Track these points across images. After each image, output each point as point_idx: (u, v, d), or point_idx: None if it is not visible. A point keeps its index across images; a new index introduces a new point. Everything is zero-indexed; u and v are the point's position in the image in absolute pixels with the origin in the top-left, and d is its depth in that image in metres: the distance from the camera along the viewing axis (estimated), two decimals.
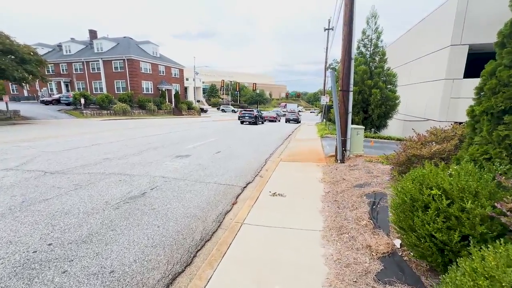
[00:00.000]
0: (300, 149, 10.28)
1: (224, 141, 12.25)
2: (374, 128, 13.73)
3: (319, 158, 8.28)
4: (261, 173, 6.96)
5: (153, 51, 39.22)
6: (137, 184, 5.49)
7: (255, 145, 11.45)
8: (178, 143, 11.24)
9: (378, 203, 3.81)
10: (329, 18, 27.64)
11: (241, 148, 10.45)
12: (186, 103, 42.31)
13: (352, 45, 6.70)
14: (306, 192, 4.94)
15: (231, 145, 11.24)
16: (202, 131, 16.92)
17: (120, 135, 13.27)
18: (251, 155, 9.20)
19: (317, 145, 11.36)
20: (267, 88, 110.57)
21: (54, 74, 38.20)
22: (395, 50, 21.13)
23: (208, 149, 10.02)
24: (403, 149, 4.56)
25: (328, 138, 13.38)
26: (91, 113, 25.45)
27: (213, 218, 4.10)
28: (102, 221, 3.78)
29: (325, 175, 6.11)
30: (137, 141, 11.26)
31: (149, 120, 26.40)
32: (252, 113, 25.56)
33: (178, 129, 17.72)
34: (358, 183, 5.01)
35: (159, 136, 13.17)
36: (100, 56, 34.94)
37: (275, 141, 13.28)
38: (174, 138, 12.62)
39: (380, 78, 13.25)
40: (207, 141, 12.01)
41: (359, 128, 7.56)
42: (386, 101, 13.00)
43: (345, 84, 6.90)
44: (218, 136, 14.35)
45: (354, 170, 6.01)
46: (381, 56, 13.59)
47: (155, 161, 7.66)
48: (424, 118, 15.28)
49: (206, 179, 6.07)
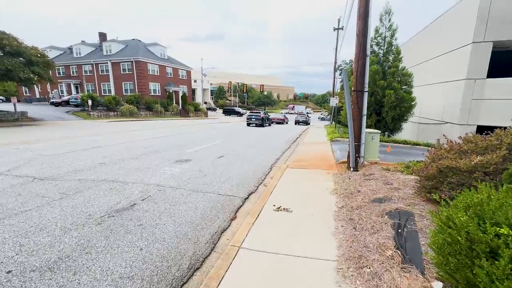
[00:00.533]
0: (308, 154, 9.62)
1: (228, 144, 11.72)
2: (387, 132, 12.90)
3: (329, 164, 7.60)
4: (266, 181, 6.35)
5: (161, 53, 39.34)
6: (128, 194, 4.99)
7: (261, 149, 10.86)
8: (180, 146, 10.78)
9: (404, 225, 3.14)
10: (339, 17, 26.88)
11: (246, 152, 9.88)
12: (193, 104, 42.19)
13: (367, 40, 6.03)
14: (315, 207, 4.31)
15: (235, 148, 10.69)
16: (207, 133, 16.47)
17: (122, 137, 12.95)
18: (255, 160, 8.61)
19: (327, 149, 10.66)
20: (275, 89, 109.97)
21: (64, 76, 38.88)
22: (408, 49, 20.14)
23: (210, 153, 9.50)
24: (432, 158, 3.86)
25: (339, 142, 12.63)
26: (98, 114, 25.50)
27: (207, 238, 3.53)
28: (78, 240, 3.27)
29: (336, 185, 5.44)
30: (139, 144, 10.86)
31: (155, 121, 26.24)
32: (258, 115, 25.01)
33: (183, 131, 17.34)
34: (376, 197, 4.33)
35: (162, 139, 12.78)
36: (109, 58, 35.28)
37: (281, 144, 12.65)
38: (177, 141, 12.19)
39: (395, 78, 12.42)
40: (211, 144, 11.51)
41: (374, 132, 6.85)
42: (401, 103, 12.16)
43: (359, 84, 6.23)
44: (223, 138, 13.84)
45: (370, 181, 5.32)
46: (395, 54, 12.76)
47: (153, 166, 7.18)
48: (441, 121, 14.31)
49: (204, 188, 5.52)
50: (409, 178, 5.23)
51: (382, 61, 12.90)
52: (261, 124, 24.88)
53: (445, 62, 14.23)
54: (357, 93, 6.29)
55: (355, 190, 4.84)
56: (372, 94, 12.71)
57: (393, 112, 12.09)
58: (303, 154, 9.76)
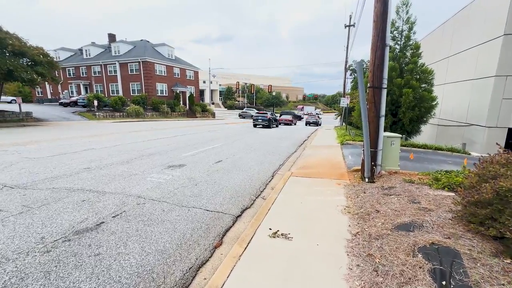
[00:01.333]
0: (316, 160, 8.66)
1: (229, 147, 10.91)
2: (405, 134, 11.73)
3: (340, 173, 6.63)
4: (265, 192, 5.47)
5: (169, 53, 39.17)
6: (101, 208, 4.24)
7: (264, 153, 9.98)
8: (178, 148, 10.06)
9: (450, 274, 2.19)
10: (351, 14, 25.67)
11: (247, 157, 9.03)
12: (200, 105, 41.80)
13: (387, 27, 5.06)
14: (322, 232, 3.40)
15: (236, 152, 9.87)
16: (210, 135, 15.76)
17: (121, 138, 12.40)
18: (256, 166, 7.74)
19: (337, 154, 9.65)
20: (284, 90, 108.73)
21: (74, 77, 39.37)
22: (425, 46, 18.72)
23: (208, 157, 8.71)
24: (480, 175, 2.87)
25: (350, 146, 11.57)
26: (103, 115, 25.36)
27: (177, 277, 2.69)
28: (8, 279, 2.50)
29: (349, 200, 4.50)
30: (135, 146, 10.23)
31: (160, 122, 25.85)
32: (265, 116, 24.12)
33: (186, 132, 16.70)
34: (401, 221, 3.38)
35: (162, 140, 12.13)
36: (117, 59, 35.37)
37: (287, 148, 11.72)
38: (176, 143, 11.49)
39: (413, 76, 11.25)
40: (211, 147, 10.73)
41: (394, 136, 5.84)
42: (420, 103, 10.98)
43: (376, 79, 5.26)
44: (226, 141, 13.05)
45: (390, 196, 4.35)
46: (414, 50, 11.57)
47: (140, 173, 6.46)
48: (465, 122, 12.97)
49: (191, 201, 4.70)
50: (441, 194, 4.22)
51: (399, 57, 11.74)
52: (267, 125, 23.98)
53: (469, 58, 12.90)
54: (374, 90, 5.32)
55: (372, 210, 3.89)
56: (388, 93, 11.56)
57: (411, 113, 10.92)
58: (310, 159, 8.81)
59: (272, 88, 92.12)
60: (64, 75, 40.26)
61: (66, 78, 40.04)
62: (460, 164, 8.34)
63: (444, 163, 8.33)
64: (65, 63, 39.92)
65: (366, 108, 5.30)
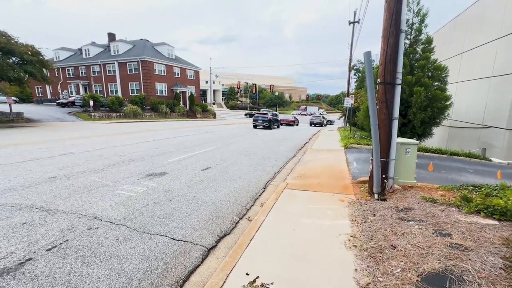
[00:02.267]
0: (317, 166, 7.69)
1: (223, 152, 9.99)
2: (415, 138, 10.68)
3: (344, 185, 5.66)
4: (252, 211, 4.53)
5: (168, 52, 38.47)
6: (40, 235, 3.36)
7: (260, 158, 9.04)
8: (166, 153, 9.18)
9: None
10: (355, 10, 24.59)
11: (240, 163, 8.10)
12: (201, 105, 41.04)
13: (402, 7, 4.09)
14: (318, 281, 2.45)
15: (229, 157, 8.94)
16: (206, 136, 14.87)
17: (108, 141, 11.58)
18: (248, 174, 6.80)
19: (340, 160, 8.66)
20: (287, 90, 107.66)
21: (74, 77, 38.92)
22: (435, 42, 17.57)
23: (196, 163, 7.81)
24: None
25: (355, 150, 10.55)
26: (99, 115, 24.68)
27: None
28: None
29: (355, 225, 3.55)
30: (119, 150, 9.38)
31: (157, 123, 25.08)
32: (265, 116, 23.17)
33: (181, 133, 15.84)
34: (429, 267, 2.41)
35: (152, 143, 11.27)
36: (116, 58, 34.77)
37: (286, 151, 10.75)
38: (167, 146, 10.61)
39: (425, 73, 10.19)
40: (202, 151, 9.83)
41: (409, 143, 4.83)
42: (432, 102, 9.91)
43: (389, 73, 4.29)
44: (221, 143, 12.14)
45: (409, 223, 3.37)
46: (425, 45, 10.50)
47: (112, 183, 5.58)
48: (482, 124, 11.85)
49: (157, 224, 3.79)
50: (476, 222, 3.22)
51: (409, 53, 10.69)
52: (268, 126, 23.04)
53: (486, 53, 11.79)
54: (385, 86, 4.34)
55: (386, 244, 2.93)
56: None
57: (422, 113, 9.85)
58: (310, 165, 7.84)
59: (274, 88, 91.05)
60: (64, 75, 39.87)
61: (66, 78, 39.63)
62: (483, 173, 7.30)
63: (464, 171, 7.30)
64: (65, 63, 39.54)
65: (375, 109, 4.33)
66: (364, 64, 30.06)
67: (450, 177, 6.55)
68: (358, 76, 46.25)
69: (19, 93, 49.04)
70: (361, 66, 45.25)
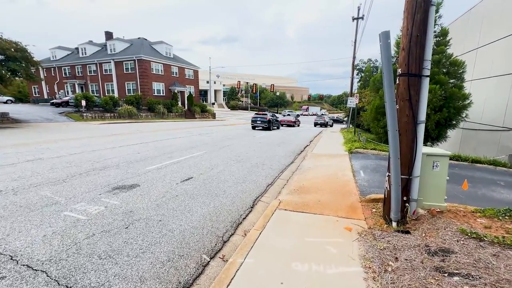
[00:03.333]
0: (317, 177, 6.58)
1: (212, 157, 8.92)
2: (429, 142, 9.55)
3: (351, 204, 4.55)
4: (230, 244, 3.44)
5: (166, 51, 37.54)
6: None
7: (252, 165, 7.95)
8: (147, 158, 8.13)
9: None
10: (359, 6, 23.42)
11: (228, 171, 7.01)
12: (200, 105, 40.04)
13: None
14: None
15: (217, 164, 7.86)
16: (199, 139, 13.82)
17: (87, 144, 10.56)
18: (234, 187, 5.71)
19: (345, 168, 7.54)
20: (289, 90, 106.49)
21: (70, 77, 38.12)
22: None
23: (178, 172, 6.74)
24: None
25: (361, 156, 9.42)
26: (92, 116, 23.74)
27: None
28: None
29: (370, 280, 2.44)
30: (95, 155, 8.35)
31: (152, 124, 24.09)
32: (265, 117, 22.07)
33: (173, 136, 14.79)
34: None
35: (135, 147, 10.23)
36: (112, 57, 33.88)
37: (284, 157, 9.65)
38: (151, 150, 9.56)
39: (440, 69, 9.04)
40: (189, 156, 8.76)
41: (438, 154, 3.67)
42: (449, 102, 8.75)
43: (414, 61, 3.18)
44: (212, 147, 11.07)
45: (452, 279, 2.26)
46: (440, 37, 9.34)
47: (64, 201, 4.53)
48: (503, 127, 10.65)
49: (91, 271, 2.70)
50: None
51: None
52: (267, 128, 21.95)
53: (506, 48, 10.59)
54: (409, 79, 3.24)
55: None
56: None
57: (438, 115, 8.68)
58: (309, 175, 6.73)
59: (276, 88, 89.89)
60: (60, 75, 39.10)
61: (62, 78, 38.85)
62: None
63: (494, 184, 6.14)
64: (61, 62, 38.76)
65: (395, 109, 3.22)
66: (366, 64, 28.79)
67: (480, 192, 5.41)
68: (361, 76, 44.94)
69: (18, 93, 48.62)
70: (364, 66, 43.87)
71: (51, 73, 40.00)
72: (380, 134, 10.45)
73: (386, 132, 9.37)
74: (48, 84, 40.89)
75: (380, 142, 10.62)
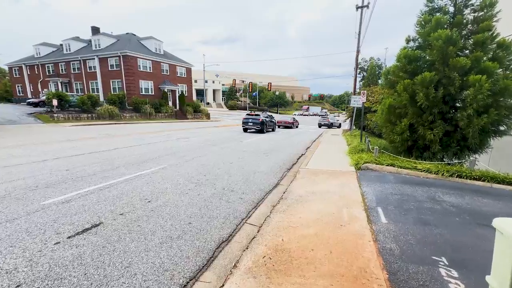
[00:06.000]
0: (309, 223, 4.03)
1: (165, 177, 6.39)
2: (465, 153, 7.00)
3: None
4: None
5: (156, 47, 35.12)
6: None
7: (217, 191, 5.41)
8: (67, 181, 5.62)
9: None
10: None
11: (169, 208, 4.47)
12: (192, 105, 37.55)
13: None
14: None
15: (162, 191, 5.33)
16: (173, 145, 11.33)
17: (28, 155, 8.08)
18: (155, 252, 3.16)
19: (353, 203, 4.98)
20: (290, 90, 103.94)
21: (54, 75, 35.76)
22: None
23: (81, 214, 4.21)
24: None
25: (374, 175, 6.85)
26: (65, 117, 21.32)
27: None
28: None
29: None
30: (19, 171, 5.85)
31: (132, 126, 21.63)
32: (257, 118, 19.54)
33: (145, 141, 12.28)
34: None
35: (76, 158, 7.75)
36: (96, 53, 31.49)
37: (266, 175, 7.10)
38: (95, 164, 7.04)
39: (486, 53, 6.51)
40: (132, 177, 6.23)
41: None
42: (498, 100, 6.22)
43: None
44: (178, 159, 8.57)
45: None
46: (485, 9, 6.76)
47: None
48: None
49: None
50: None
51: (455, 22, 6.98)
52: (260, 130, 19.43)
53: None
54: None
55: None
56: (439, 83, 6.79)
57: (484, 118, 6.13)
58: (296, 216, 4.19)
59: (276, 87, 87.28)
60: (44, 73, 36.75)
61: (45, 76, 36.49)
62: None
63: None
64: (45, 60, 36.41)
65: None
66: (368, 62, 26.26)
67: None
68: (363, 76, 42.13)
69: (5, 92, 46.30)
70: (366, 65, 41.17)
71: (35, 71, 37.68)
72: (396, 143, 7.86)
73: (405, 140, 6.64)
74: (32, 83, 38.60)
75: (396, 153, 8.03)
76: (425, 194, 5.12)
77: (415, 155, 7.78)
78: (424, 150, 7.66)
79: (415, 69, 7.52)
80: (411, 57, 7.43)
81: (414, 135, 7.55)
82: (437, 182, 5.99)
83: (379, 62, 40.88)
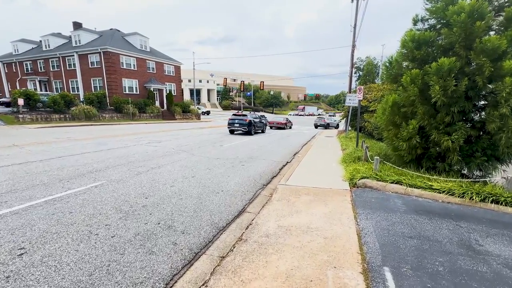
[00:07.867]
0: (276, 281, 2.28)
1: (106, 195, 4.60)
2: (492, 163, 5.39)
3: None
4: None
5: (141, 44, 33.16)
6: None
7: (154, 224, 3.65)
8: None
9: None
10: None
11: (62, 259, 2.70)
12: (181, 105, 35.62)
13: None
14: None
15: (88, 218, 3.54)
16: (138, 150, 9.52)
17: None
18: None
19: (346, 257, 3.26)
20: (286, 90, 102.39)
21: (32, 73, 33.61)
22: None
23: None
24: None
25: (375, 198, 5.15)
26: (32, 117, 19.34)
27: None
28: None
29: None
30: None
31: (107, 127, 19.72)
32: (243, 119, 17.77)
33: (106, 146, 10.43)
34: None
35: (9, 169, 5.91)
36: (75, 50, 29.44)
37: (231, 197, 5.34)
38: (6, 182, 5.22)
39: None
40: (42, 201, 4.43)
41: None
42: None
43: None
44: (128, 172, 6.77)
45: None
46: None
47: None
48: None
49: None
50: None
51: None
52: (247, 131, 17.67)
53: None
54: None
55: None
56: (461, 71, 5.16)
57: None
58: (250, 286, 2.44)
59: (271, 86, 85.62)
60: (22, 71, 34.56)
61: (23, 74, 34.29)
62: None
63: None
64: (23, 57, 34.21)
65: None
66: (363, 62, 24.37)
67: None
68: (359, 75, 40.54)
69: None
70: (362, 64, 39.68)
71: (12, 69, 35.47)
72: (401, 151, 6.15)
73: (413, 148, 4.93)
74: (10, 81, 36.34)
75: (401, 164, 6.34)
76: (455, 237, 3.38)
77: (425, 167, 6.10)
78: (438, 160, 5.98)
79: (426, 56, 5.84)
80: (421, 40, 5.74)
81: (424, 142, 5.88)
82: (465, 210, 4.30)
83: (375, 61, 39.43)
